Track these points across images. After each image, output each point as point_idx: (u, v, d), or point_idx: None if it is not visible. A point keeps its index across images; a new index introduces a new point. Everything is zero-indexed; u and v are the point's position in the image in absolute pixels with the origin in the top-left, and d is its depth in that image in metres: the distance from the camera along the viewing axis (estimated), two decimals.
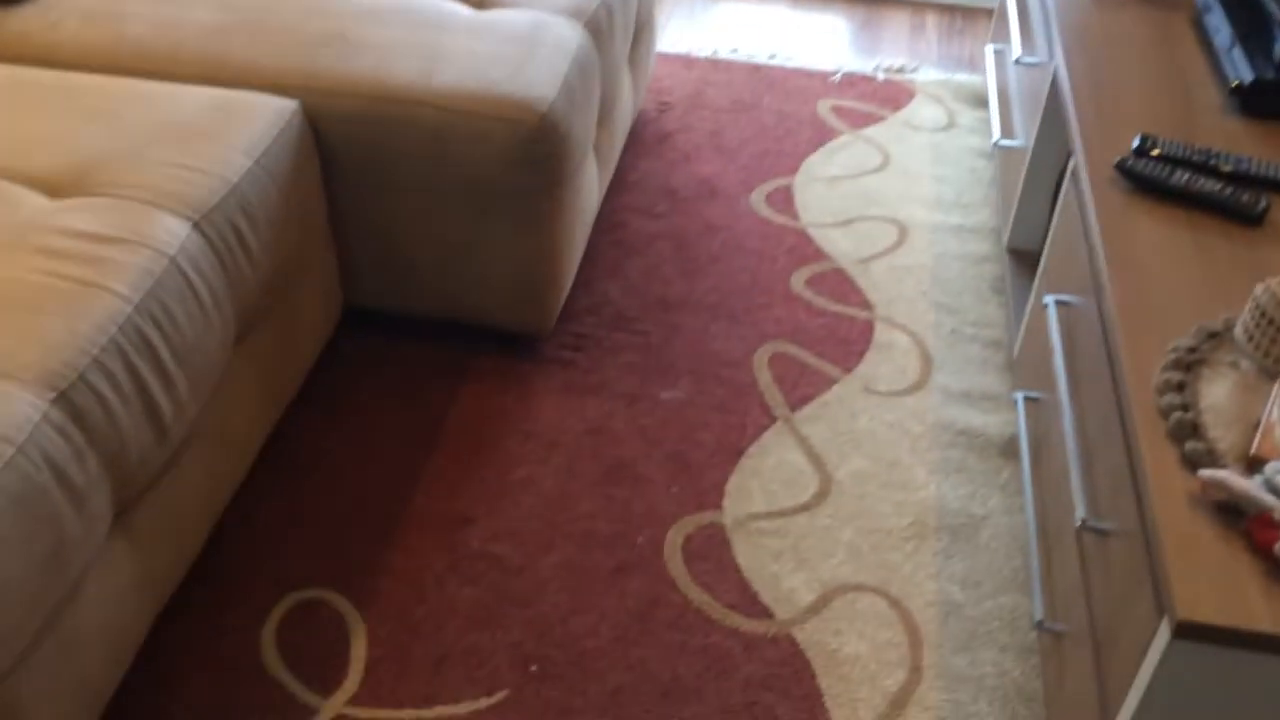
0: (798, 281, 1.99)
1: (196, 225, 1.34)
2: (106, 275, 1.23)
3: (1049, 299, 1.45)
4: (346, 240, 1.72)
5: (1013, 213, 1.93)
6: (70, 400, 1.13)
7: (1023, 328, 1.71)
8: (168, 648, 1.38)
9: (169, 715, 1.31)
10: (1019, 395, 1.56)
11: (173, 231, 1.31)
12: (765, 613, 1.44)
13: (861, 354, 1.84)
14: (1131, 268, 1.20)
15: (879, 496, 1.60)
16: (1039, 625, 1.24)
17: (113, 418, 1.17)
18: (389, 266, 1.74)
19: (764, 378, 1.79)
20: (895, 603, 1.46)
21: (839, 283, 1.99)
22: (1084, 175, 1.34)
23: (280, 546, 1.50)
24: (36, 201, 1.32)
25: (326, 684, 1.35)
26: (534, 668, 1.37)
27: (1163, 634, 0.92)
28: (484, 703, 1.33)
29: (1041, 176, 1.85)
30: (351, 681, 1.35)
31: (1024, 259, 1.93)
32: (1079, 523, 1.14)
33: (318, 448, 1.64)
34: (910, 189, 2.24)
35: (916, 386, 1.79)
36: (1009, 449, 1.68)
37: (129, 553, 1.24)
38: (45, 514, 1.07)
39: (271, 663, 1.37)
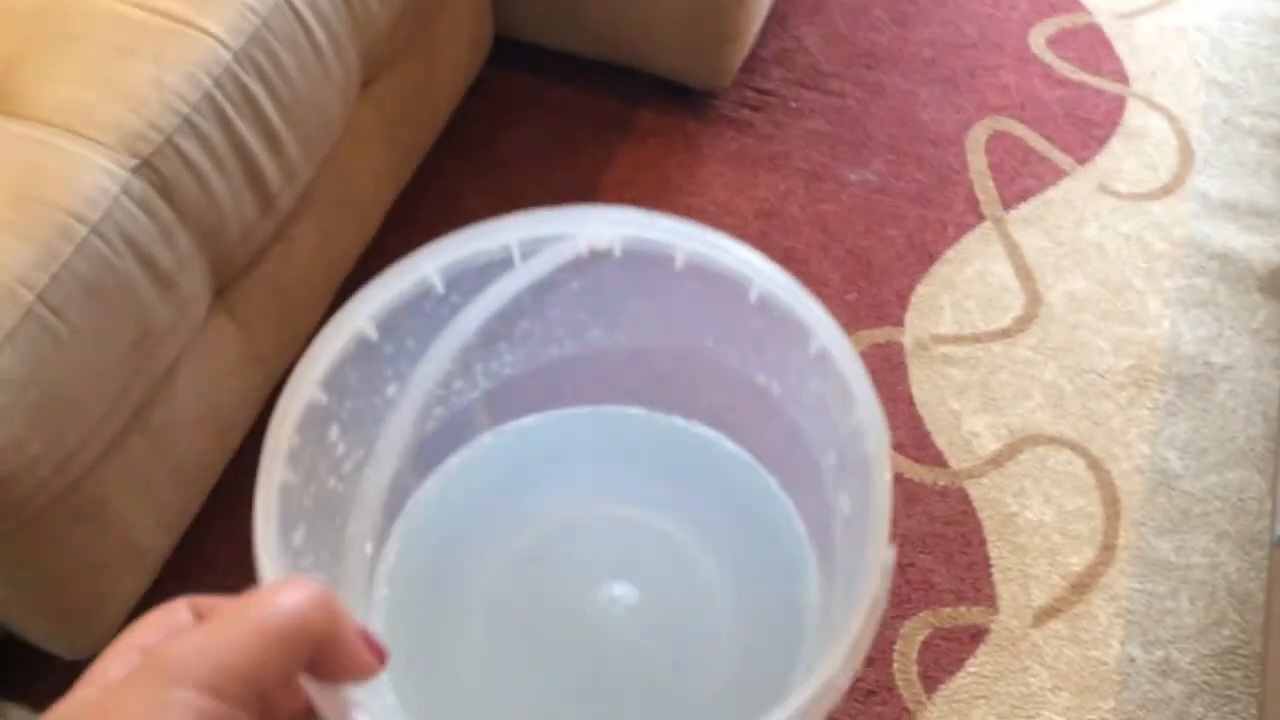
0: (1038, 38, 1.63)
1: None
2: (202, 13, 1.04)
3: None
4: None
5: None
6: (155, 169, 0.98)
7: None
8: None
9: None
10: None
11: None
12: (937, 458, 1.25)
13: (1103, 141, 1.51)
14: None
15: (1096, 328, 1.34)
16: (1277, 543, 1.01)
17: (207, 188, 1.02)
18: None
19: (977, 163, 1.49)
20: (1096, 464, 1.24)
21: (1091, 43, 1.62)
22: None
23: None
24: None
25: None
26: None
27: None
28: None
29: None
30: None
31: None
32: None
33: (454, 203, 1.47)
34: None
35: (1167, 190, 1.46)
36: (1272, 285, 1.37)
37: (232, 333, 1.13)
38: (126, 303, 0.95)
39: None
